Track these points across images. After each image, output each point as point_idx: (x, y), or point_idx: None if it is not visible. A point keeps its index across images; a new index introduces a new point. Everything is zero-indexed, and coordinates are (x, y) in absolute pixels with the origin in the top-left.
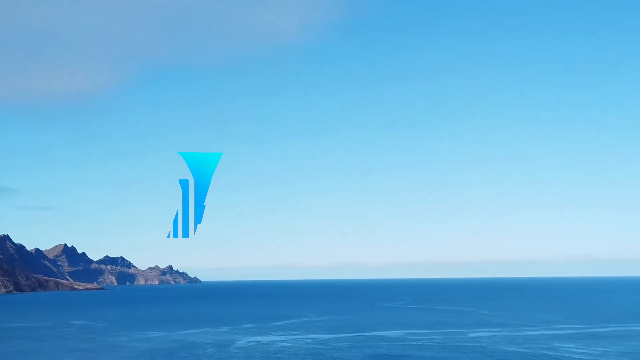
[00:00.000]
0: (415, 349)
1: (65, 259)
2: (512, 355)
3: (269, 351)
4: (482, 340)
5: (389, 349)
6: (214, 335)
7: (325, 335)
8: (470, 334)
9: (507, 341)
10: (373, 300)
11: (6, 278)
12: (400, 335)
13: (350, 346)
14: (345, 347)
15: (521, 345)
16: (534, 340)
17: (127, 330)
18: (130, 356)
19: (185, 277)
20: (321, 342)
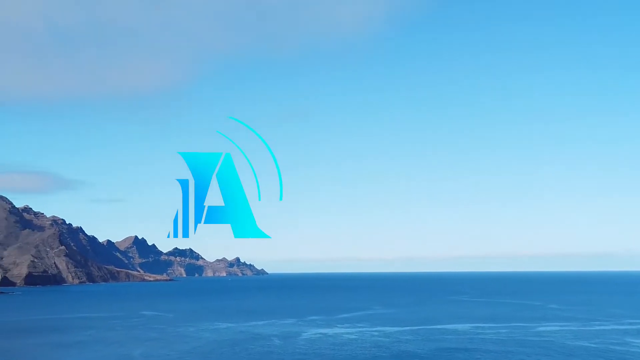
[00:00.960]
0: (481, 342)
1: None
2: (581, 350)
3: (335, 343)
4: (550, 334)
5: (455, 343)
6: (281, 326)
7: (391, 327)
8: (538, 328)
9: (576, 336)
10: (439, 293)
11: (79, 269)
12: (466, 328)
13: (416, 339)
14: (411, 340)
15: (591, 340)
16: (604, 335)
17: (195, 321)
18: (199, 346)
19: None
20: (387, 335)
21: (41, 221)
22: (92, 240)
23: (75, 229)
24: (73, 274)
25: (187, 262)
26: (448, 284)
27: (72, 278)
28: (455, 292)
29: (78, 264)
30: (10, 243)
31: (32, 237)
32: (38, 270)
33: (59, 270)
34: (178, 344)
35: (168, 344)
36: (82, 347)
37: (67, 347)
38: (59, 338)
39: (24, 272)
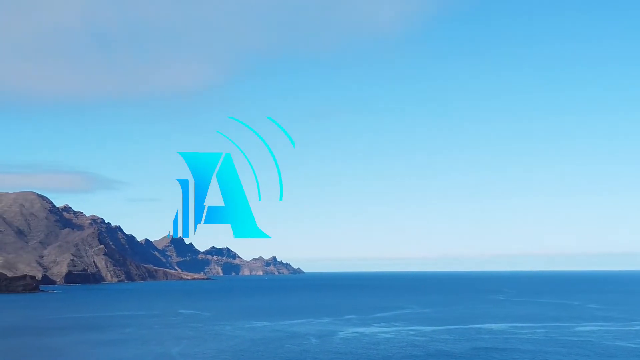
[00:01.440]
0: (519, 342)
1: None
2: (621, 350)
3: (371, 342)
4: (589, 334)
5: (491, 342)
6: (317, 325)
7: (428, 327)
8: (577, 328)
9: (617, 336)
10: (475, 293)
11: (118, 268)
12: (502, 328)
13: (453, 338)
14: (448, 340)
15: (631, 341)
16: None
17: (232, 320)
18: (235, 345)
19: (289, 268)
20: (423, 334)
21: (81, 220)
22: (131, 239)
23: (114, 228)
24: (112, 272)
25: (224, 261)
26: (485, 283)
27: (111, 276)
28: (492, 292)
29: (117, 263)
30: (50, 242)
31: (72, 236)
32: (77, 268)
33: (98, 269)
34: (215, 342)
35: (205, 342)
36: (121, 345)
37: (106, 345)
38: (98, 336)
39: (64, 271)
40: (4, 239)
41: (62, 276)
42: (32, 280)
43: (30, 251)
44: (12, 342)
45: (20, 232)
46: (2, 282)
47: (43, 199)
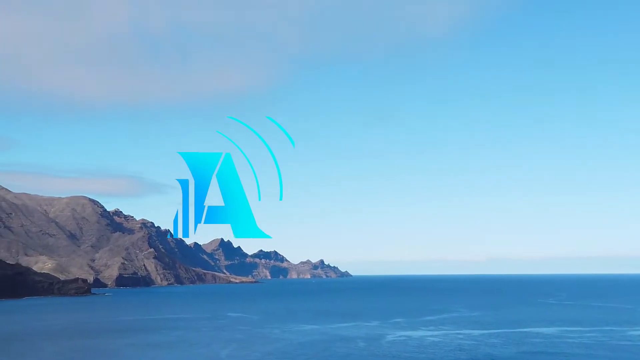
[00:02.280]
0: (570, 346)
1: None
2: None
3: (420, 346)
4: None
5: (543, 346)
6: (365, 328)
7: (477, 330)
8: (628, 332)
9: None
10: (526, 296)
11: (167, 271)
12: (554, 332)
13: (503, 342)
14: (498, 343)
15: None
16: None
17: (280, 323)
18: (283, 348)
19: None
20: (473, 338)
21: (131, 224)
22: (180, 242)
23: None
24: (161, 275)
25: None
26: (536, 287)
27: (161, 280)
28: (543, 295)
29: (166, 266)
30: (101, 246)
31: (123, 239)
32: (128, 272)
33: (148, 272)
34: (262, 345)
35: (253, 345)
36: (170, 347)
37: (155, 347)
38: (148, 338)
39: (115, 274)
40: (57, 242)
41: (113, 279)
42: (84, 283)
43: (82, 255)
44: (65, 344)
45: (73, 236)
46: (55, 285)
47: (95, 203)
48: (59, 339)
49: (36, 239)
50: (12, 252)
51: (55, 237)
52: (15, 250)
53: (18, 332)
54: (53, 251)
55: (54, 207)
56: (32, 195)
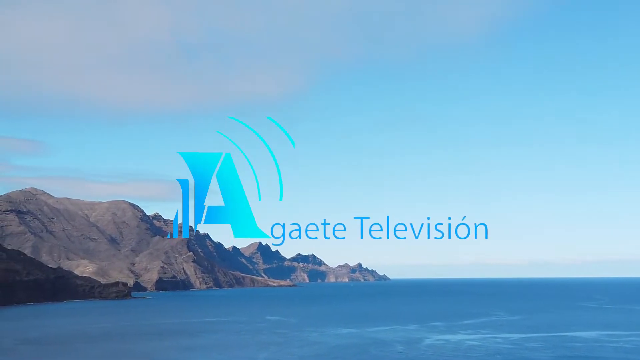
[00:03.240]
0: (612, 351)
1: (260, 256)
2: None
3: (458, 350)
4: None
5: (583, 351)
6: (403, 332)
7: (517, 335)
8: None
9: None
10: (566, 299)
11: (206, 274)
12: (596, 336)
13: (543, 347)
14: (538, 348)
15: None
16: None
17: (318, 326)
18: (321, 351)
19: (374, 275)
20: (512, 342)
21: (170, 228)
22: (219, 246)
23: (202, 236)
24: (200, 279)
25: (310, 268)
26: (577, 290)
27: (200, 283)
28: (585, 299)
29: (205, 270)
30: (141, 249)
31: (162, 243)
32: (167, 275)
33: (187, 276)
34: (301, 349)
35: (291, 348)
36: (209, 350)
37: (194, 350)
38: (187, 341)
39: (155, 278)
40: (98, 246)
41: (153, 283)
42: (125, 287)
43: (122, 259)
44: (106, 346)
45: (113, 240)
46: (96, 288)
47: (134, 207)
48: (99, 342)
49: (77, 243)
50: (53, 256)
51: (96, 241)
52: (57, 254)
53: (60, 336)
54: (94, 255)
55: (95, 211)
56: (74, 200)
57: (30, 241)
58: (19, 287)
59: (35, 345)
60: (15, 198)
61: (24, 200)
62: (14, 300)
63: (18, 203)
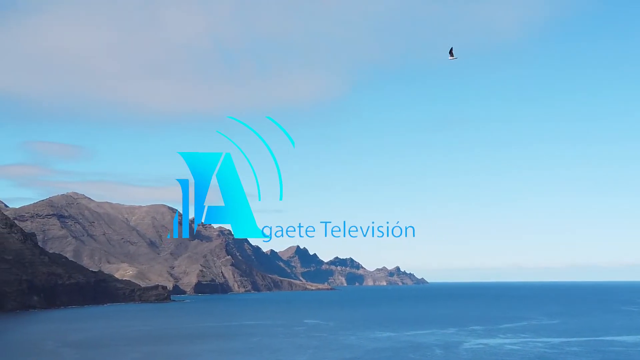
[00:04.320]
0: None
1: (298, 260)
2: None
3: (498, 354)
4: None
5: (624, 355)
6: (441, 336)
7: (557, 339)
8: None
9: None
10: (607, 303)
11: (245, 278)
12: (636, 340)
13: (583, 351)
14: (578, 352)
15: None
16: None
17: (356, 330)
18: (359, 355)
19: (412, 278)
20: (552, 346)
21: (209, 232)
22: (257, 250)
23: (240, 239)
24: (239, 282)
25: (348, 271)
26: (619, 294)
27: (238, 287)
28: (625, 302)
29: (243, 273)
30: (180, 253)
31: (201, 247)
32: (206, 279)
33: (225, 279)
34: (339, 352)
35: (329, 352)
36: (247, 354)
37: (233, 353)
38: (225, 344)
39: (194, 281)
40: (138, 250)
41: (192, 286)
42: (164, 290)
43: (162, 262)
44: (145, 349)
45: (153, 244)
46: (136, 292)
47: (173, 211)
48: (140, 345)
49: (118, 247)
50: (94, 259)
51: (136, 245)
52: (97, 257)
53: (100, 338)
54: (134, 259)
55: (135, 215)
56: (114, 204)
57: (72, 245)
58: (60, 291)
59: (76, 348)
60: (57, 202)
61: (65, 205)
62: (55, 303)
63: (60, 207)
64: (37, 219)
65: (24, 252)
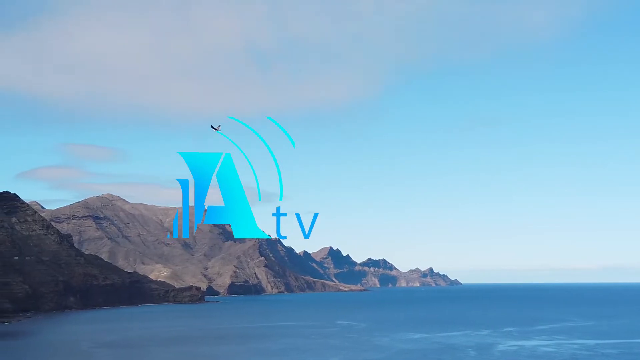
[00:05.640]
0: None
1: (331, 261)
2: None
3: (532, 356)
4: None
5: None
6: (475, 337)
7: (592, 340)
8: None
9: None
10: None
11: (278, 279)
12: None
13: (619, 353)
14: (613, 354)
15: None
16: None
17: (389, 331)
18: (392, 356)
19: (446, 280)
20: (588, 348)
21: None
22: (290, 251)
23: (273, 241)
24: (272, 283)
25: (381, 273)
26: None
27: (271, 288)
28: None
29: (276, 274)
30: (214, 254)
31: (234, 248)
32: (239, 280)
33: (259, 280)
34: (372, 353)
35: (362, 353)
36: (280, 354)
37: (266, 354)
38: (258, 345)
39: (227, 282)
40: (172, 251)
41: (225, 287)
42: (198, 291)
43: (196, 263)
44: (180, 350)
45: (187, 245)
46: (170, 292)
47: None
48: (174, 346)
49: (152, 248)
50: (129, 260)
51: (170, 246)
52: (132, 259)
53: (135, 339)
54: (168, 260)
55: (169, 216)
56: (149, 206)
57: (107, 246)
58: (96, 291)
59: (111, 348)
60: (93, 204)
61: (100, 206)
62: (91, 304)
63: (95, 209)
64: (73, 220)
65: (61, 254)
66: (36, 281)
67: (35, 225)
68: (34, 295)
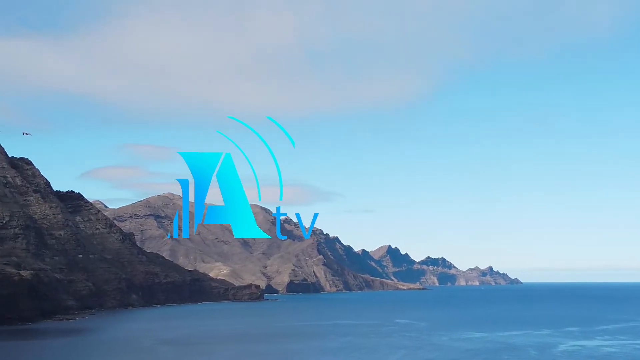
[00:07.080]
0: None
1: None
2: None
3: (595, 356)
4: None
5: None
6: (536, 337)
7: None
8: None
9: None
10: None
11: (336, 277)
12: None
13: None
14: None
15: None
16: None
17: (448, 330)
18: (452, 355)
19: (506, 278)
20: None
21: (300, 232)
22: (348, 249)
23: (332, 239)
24: (330, 282)
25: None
26: None
27: (330, 286)
28: None
29: (335, 273)
30: (273, 253)
31: (293, 247)
32: (298, 278)
33: (317, 279)
34: (430, 352)
35: (421, 352)
36: (339, 353)
37: (325, 352)
38: (318, 343)
39: (286, 280)
40: (231, 250)
41: (284, 285)
42: (257, 289)
43: (255, 261)
44: (240, 347)
45: (246, 244)
46: (230, 290)
47: (266, 211)
48: (234, 343)
49: (212, 247)
50: (190, 258)
51: (230, 245)
52: (193, 257)
53: (196, 336)
54: (228, 258)
55: None
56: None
57: (168, 244)
58: (158, 289)
59: (173, 345)
60: (154, 203)
61: (161, 205)
62: (153, 302)
63: (156, 208)
64: (135, 219)
65: (123, 252)
66: (100, 279)
67: (98, 224)
68: (98, 293)
